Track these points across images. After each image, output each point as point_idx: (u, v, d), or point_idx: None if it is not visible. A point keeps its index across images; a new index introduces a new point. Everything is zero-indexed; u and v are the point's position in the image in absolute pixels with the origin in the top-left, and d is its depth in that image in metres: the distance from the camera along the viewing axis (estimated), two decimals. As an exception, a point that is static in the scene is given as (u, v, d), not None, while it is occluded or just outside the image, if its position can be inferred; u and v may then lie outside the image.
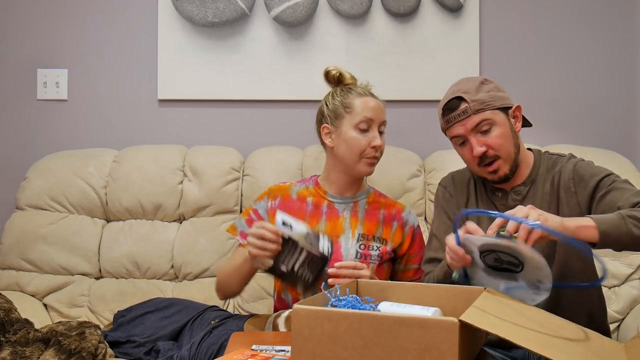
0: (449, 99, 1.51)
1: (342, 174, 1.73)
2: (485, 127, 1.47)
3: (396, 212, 1.76)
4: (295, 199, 1.75)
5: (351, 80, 1.76)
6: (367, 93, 1.72)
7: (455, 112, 1.48)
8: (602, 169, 1.47)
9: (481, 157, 1.47)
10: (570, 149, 2.20)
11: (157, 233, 2.21)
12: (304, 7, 2.43)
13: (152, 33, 2.46)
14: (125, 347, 1.75)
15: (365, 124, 1.66)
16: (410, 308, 1.17)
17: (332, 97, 1.73)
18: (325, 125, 1.72)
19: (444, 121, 1.53)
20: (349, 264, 1.50)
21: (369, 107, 1.67)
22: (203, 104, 2.47)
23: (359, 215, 1.73)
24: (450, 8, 2.44)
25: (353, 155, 1.67)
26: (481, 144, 1.46)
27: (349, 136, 1.67)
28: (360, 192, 1.77)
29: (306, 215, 1.72)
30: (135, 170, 2.24)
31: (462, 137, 1.50)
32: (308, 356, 1.03)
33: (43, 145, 2.43)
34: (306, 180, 1.82)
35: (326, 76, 1.77)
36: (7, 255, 2.18)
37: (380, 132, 1.70)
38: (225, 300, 2.10)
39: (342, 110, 1.69)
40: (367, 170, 1.69)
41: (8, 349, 1.52)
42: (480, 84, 1.49)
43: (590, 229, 1.23)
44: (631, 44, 2.48)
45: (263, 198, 1.77)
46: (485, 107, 1.47)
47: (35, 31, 2.47)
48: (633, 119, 2.49)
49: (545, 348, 0.98)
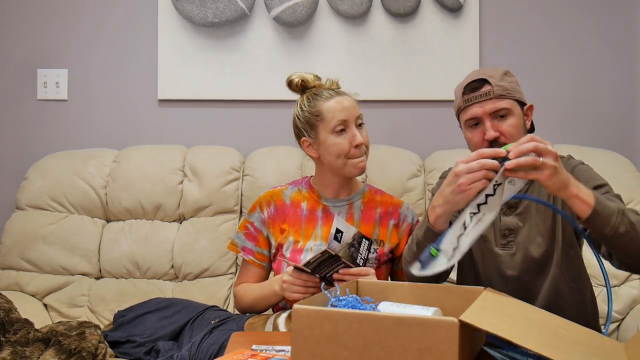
0: (473, 79, 1.50)
1: (334, 177, 1.71)
2: (503, 113, 1.47)
3: (393, 209, 1.74)
4: (289, 204, 1.73)
5: (315, 82, 1.72)
6: (332, 94, 1.67)
7: (477, 92, 1.48)
8: (598, 177, 1.48)
9: (491, 143, 1.47)
10: (570, 149, 2.21)
11: (157, 233, 2.21)
12: (304, 7, 2.43)
13: (152, 33, 2.46)
14: (125, 347, 1.75)
15: (340, 126, 1.64)
16: (410, 308, 1.17)
17: (301, 109, 1.70)
18: (303, 138, 1.70)
19: (463, 100, 1.51)
20: (353, 271, 1.48)
21: (338, 109, 1.64)
22: (203, 104, 2.47)
23: (355, 217, 1.71)
24: (450, 8, 2.45)
25: (339, 160, 1.65)
26: (495, 129, 1.46)
27: (329, 143, 1.64)
28: (355, 193, 1.75)
29: (302, 222, 1.70)
30: (135, 170, 2.24)
31: (477, 119, 1.49)
32: (308, 356, 1.03)
33: (43, 145, 2.43)
34: (298, 183, 1.79)
35: (289, 85, 1.73)
36: (7, 255, 2.18)
37: (359, 126, 1.67)
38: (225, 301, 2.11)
39: (314, 120, 1.66)
40: (357, 170, 1.67)
41: (8, 349, 1.52)
42: (504, 74, 1.51)
43: (585, 206, 1.22)
44: (631, 44, 2.48)
45: (255, 209, 1.75)
46: (507, 94, 1.47)
47: (36, 31, 2.47)
48: (633, 119, 2.49)
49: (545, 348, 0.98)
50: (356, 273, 1.48)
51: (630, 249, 1.27)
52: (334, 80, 1.75)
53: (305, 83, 1.71)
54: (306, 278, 1.51)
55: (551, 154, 1.20)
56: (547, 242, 1.47)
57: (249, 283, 1.74)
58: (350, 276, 1.47)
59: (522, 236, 1.49)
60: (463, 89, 1.51)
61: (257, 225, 1.74)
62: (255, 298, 1.69)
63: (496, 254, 1.51)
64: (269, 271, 1.77)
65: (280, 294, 1.59)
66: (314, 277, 1.51)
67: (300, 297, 1.50)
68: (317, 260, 1.44)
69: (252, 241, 1.74)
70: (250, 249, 1.74)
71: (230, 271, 2.18)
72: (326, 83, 1.74)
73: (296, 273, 1.52)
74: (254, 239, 1.74)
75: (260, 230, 1.73)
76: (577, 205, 1.23)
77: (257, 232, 1.73)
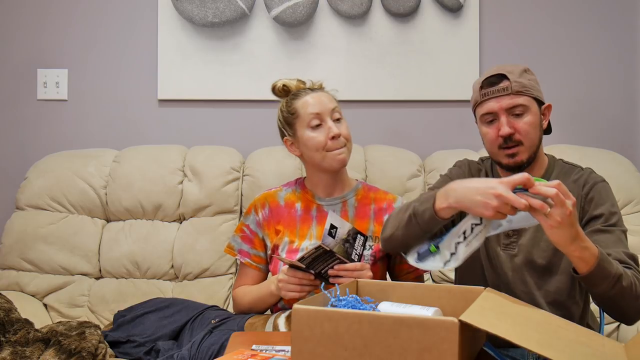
0: (492, 74, 1.50)
1: (321, 174, 1.72)
2: (519, 111, 1.46)
3: (387, 204, 1.74)
4: (283, 205, 1.74)
5: (298, 86, 1.75)
6: (308, 92, 1.71)
7: (495, 87, 1.47)
8: (613, 203, 1.47)
9: (505, 139, 1.46)
10: (570, 149, 2.21)
11: (157, 233, 2.21)
12: (304, 7, 2.43)
13: (152, 33, 2.46)
14: (125, 347, 1.75)
15: (315, 120, 1.66)
16: (410, 308, 1.17)
17: (281, 111, 1.74)
18: (285, 138, 1.74)
19: (480, 94, 1.50)
20: (349, 267, 1.48)
21: (310, 103, 1.67)
22: (203, 104, 2.47)
23: (349, 214, 1.72)
24: (450, 8, 2.45)
25: (317, 154, 1.67)
26: (510, 125, 1.46)
27: (306, 137, 1.67)
28: (349, 191, 1.76)
29: (296, 222, 1.71)
30: (135, 170, 2.24)
31: (493, 115, 1.48)
32: (308, 356, 1.03)
33: (43, 145, 2.43)
34: (292, 184, 1.80)
35: (273, 91, 1.77)
36: (7, 255, 2.18)
37: (337, 120, 1.69)
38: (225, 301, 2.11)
39: (291, 119, 1.70)
40: (337, 163, 1.67)
41: (8, 349, 1.52)
42: (524, 71, 1.50)
43: (583, 265, 1.24)
44: (631, 44, 2.48)
45: (250, 212, 1.76)
46: (525, 91, 1.46)
47: (36, 31, 2.47)
48: (633, 119, 2.49)
49: (545, 348, 0.98)
50: (351, 268, 1.47)
51: (613, 307, 1.33)
52: (317, 83, 1.77)
53: (288, 88, 1.74)
54: (301, 276, 1.51)
55: (564, 210, 1.16)
56: (553, 248, 1.43)
57: (247, 285, 1.74)
58: (346, 272, 1.47)
59: (526, 238, 1.48)
60: (481, 83, 1.50)
61: (252, 227, 1.75)
62: (253, 300, 1.70)
63: (497, 253, 1.50)
64: (267, 273, 1.77)
65: (277, 294, 1.59)
66: (309, 275, 1.50)
67: (296, 295, 1.51)
68: (311, 256, 1.44)
69: (248, 244, 1.75)
70: (246, 252, 1.75)
71: (230, 271, 2.18)
72: (309, 85, 1.77)
73: (291, 271, 1.52)
74: (249, 241, 1.75)
75: (255, 232, 1.74)
76: (576, 263, 1.25)
77: (252, 234, 1.74)
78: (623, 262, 1.35)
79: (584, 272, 1.24)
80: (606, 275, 1.25)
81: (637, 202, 2.17)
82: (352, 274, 1.46)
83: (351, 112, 2.49)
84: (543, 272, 1.47)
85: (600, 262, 1.24)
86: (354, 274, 1.47)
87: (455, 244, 1.23)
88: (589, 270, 1.23)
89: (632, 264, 1.36)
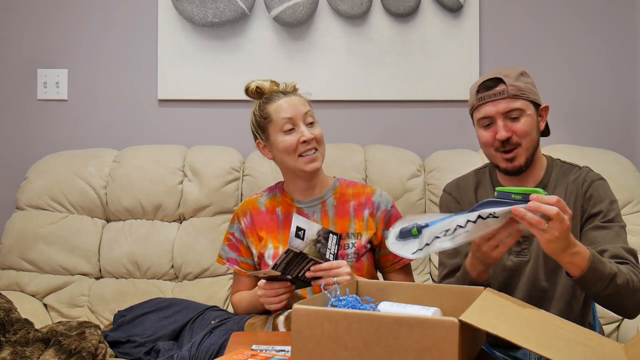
0: (488, 78, 1.50)
1: (295, 177, 1.72)
2: (516, 114, 1.47)
3: (366, 198, 1.73)
4: (264, 211, 1.74)
5: (272, 88, 1.75)
6: (281, 96, 1.71)
7: (492, 91, 1.47)
8: (612, 199, 1.48)
9: (503, 143, 1.47)
10: (570, 149, 2.21)
11: (157, 233, 2.21)
12: (304, 7, 2.43)
13: (152, 33, 2.46)
14: (125, 347, 1.75)
15: (287, 124, 1.66)
16: (410, 308, 1.17)
17: (254, 115, 1.74)
18: (257, 141, 1.75)
19: (477, 98, 1.50)
20: (324, 266, 1.48)
21: (283, 108, 1.68)
22: (203, 104, 2.48)
23: (329, 214, 1.71)
24: (450, 8, 2.45)
25: (289, 158, 1.67)
26: (507, 129, 1.46)
27: (279, 141, 1.67)
28: (327, 190, 1.75)
29: (279, 227, 1.71)
30: (135, 170, 2.24)
31: (490, 119, 1.48)
32: (308, 356, 1.03)
33: (43, 145, 2.43)
34: (272, 189, 1.80)
35: (246, 92, 1.77)
36: (7, 255, 2.18)
37: (310, 124, 1.69)
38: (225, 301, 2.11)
39: (264, 123, 1.70)
40: (308, 167, 1.67)
41: (8, 349, 1.52)
42: (520, 75, 1.50)
43: (575, 269, 1.25)
44: (631, 45, 2.48)
45: (234, 221, 1.77)
46: (521, 94, 1.47)
47: (36, 31, 2.47)
48: (633, 119, 2.49)
49: (545, 348, 0.98)
50: (327, 267, 1.48)
51: (611, 305, 1.35)
52: (291, 84, 1.77)
53: (261, 89, 1.74)
54: (277, 286, 1.52)
55: (562, 226, 1.16)
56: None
57: (242, 292, 1.76)
58: (323, 271, 1.47)
59: (536, 244, 1.49)
60: (478, 87, 1.50)
61: (237, 235, 1.76)
62: (248, 306, 1.72)
63: (510, 261, 1.51)
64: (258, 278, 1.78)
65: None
66: (285, 283, 1.52)
67: (277, 306, 1.54)
68: (283, 261, 1.43)
69: (235, 252, 1.76)
70: (234, 259, 1.76)
71: (230, 272, 2.18)
72: (282, 88, 1.77)
73: (267, 284, 1.53)
74: (236, 249, 1.76)
75: (240, 240, 1.75)
76: (568, 268, 1.27)
77: (238, 242, 1.76)
78: (621, 257, 1.36)
79: (576, 276, 1.26)
80: (599, 276, 1.26)
81: (637, 202, 2.17)
82: (329, 273, 1.47)
83: (351, 112, 2.50)
84: (551, 274, 1.48)
85: (592, 264, 1.25)
86: (331, 272, 1.47)
87: (434, 237, 1.23)
88: (580, 273, 1.25)
89: (631, 259, 1.37)
